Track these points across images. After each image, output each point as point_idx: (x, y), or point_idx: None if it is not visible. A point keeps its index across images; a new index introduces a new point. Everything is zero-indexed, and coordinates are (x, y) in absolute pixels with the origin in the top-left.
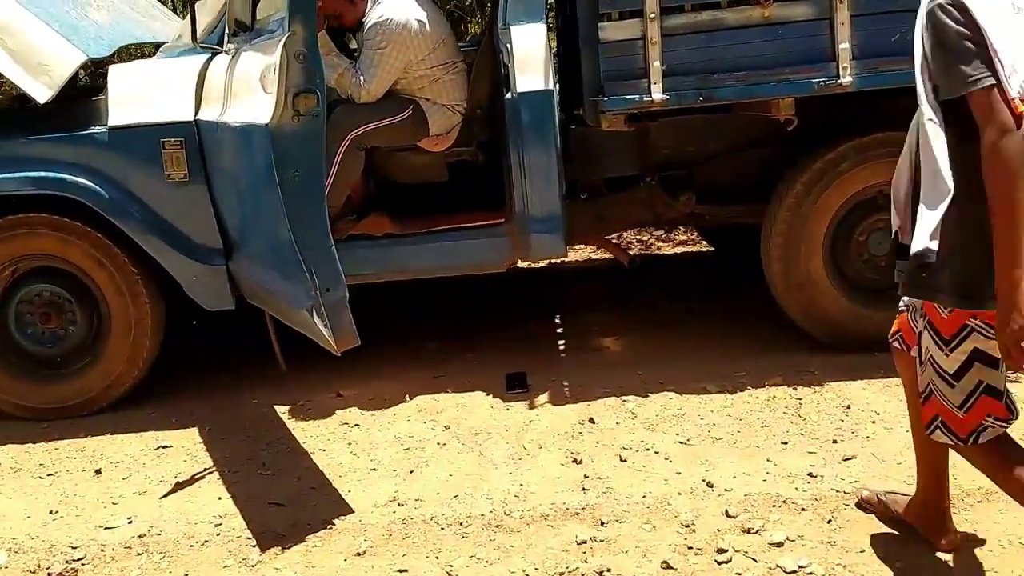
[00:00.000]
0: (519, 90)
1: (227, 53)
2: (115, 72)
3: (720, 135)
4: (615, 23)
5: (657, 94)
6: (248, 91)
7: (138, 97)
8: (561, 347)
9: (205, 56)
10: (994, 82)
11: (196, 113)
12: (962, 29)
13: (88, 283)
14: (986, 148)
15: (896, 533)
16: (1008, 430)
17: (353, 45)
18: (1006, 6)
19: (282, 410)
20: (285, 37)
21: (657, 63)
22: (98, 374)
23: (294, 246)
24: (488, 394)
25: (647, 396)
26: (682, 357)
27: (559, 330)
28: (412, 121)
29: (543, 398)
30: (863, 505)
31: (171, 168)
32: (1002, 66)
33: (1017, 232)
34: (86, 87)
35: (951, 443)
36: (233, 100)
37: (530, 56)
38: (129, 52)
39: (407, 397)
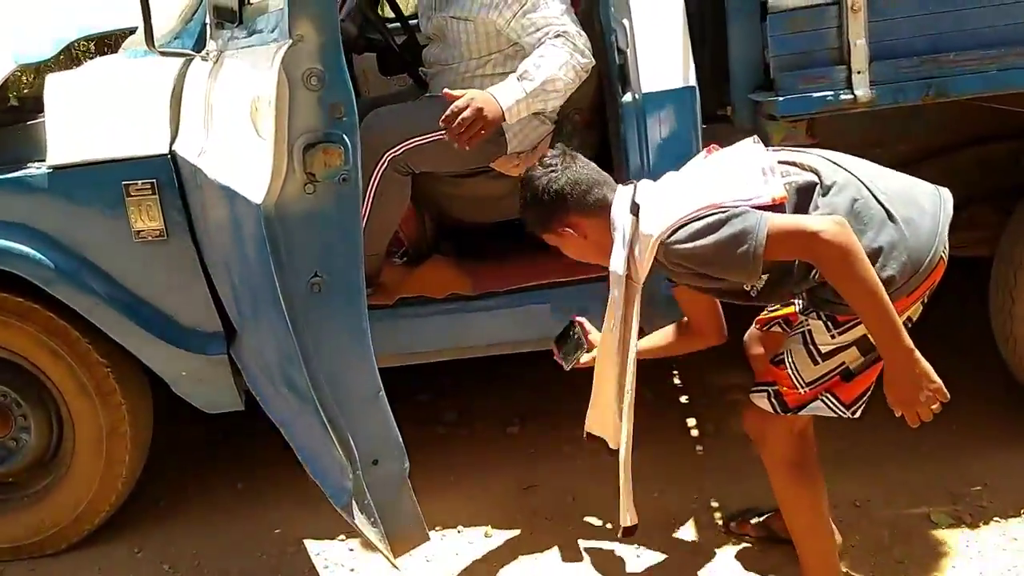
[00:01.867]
0: (644, 89)
1: (207, 58)
2: (55, 85)
3: (921, 127)
4: None
5: (862, 88)
6: (231, 130)
7: (89, 121)
8: (694, 431)
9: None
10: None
11: (172, 142)
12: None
13: (42, 379)
14: (824, 258)
15: None
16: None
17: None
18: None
19: (319, 548)
20: (285, 46)
21: (861, 41)
22: (62, 500)
23: (316, 406)
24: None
25: (842, 521)
26: (886, 459)
27: (683, 399)
28: None
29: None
30: None
31: (140, 222)
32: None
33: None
34: (20, 105)
35: (769, 409)
36: (211, 141)
37: (661, 38)
38: (83, 50)
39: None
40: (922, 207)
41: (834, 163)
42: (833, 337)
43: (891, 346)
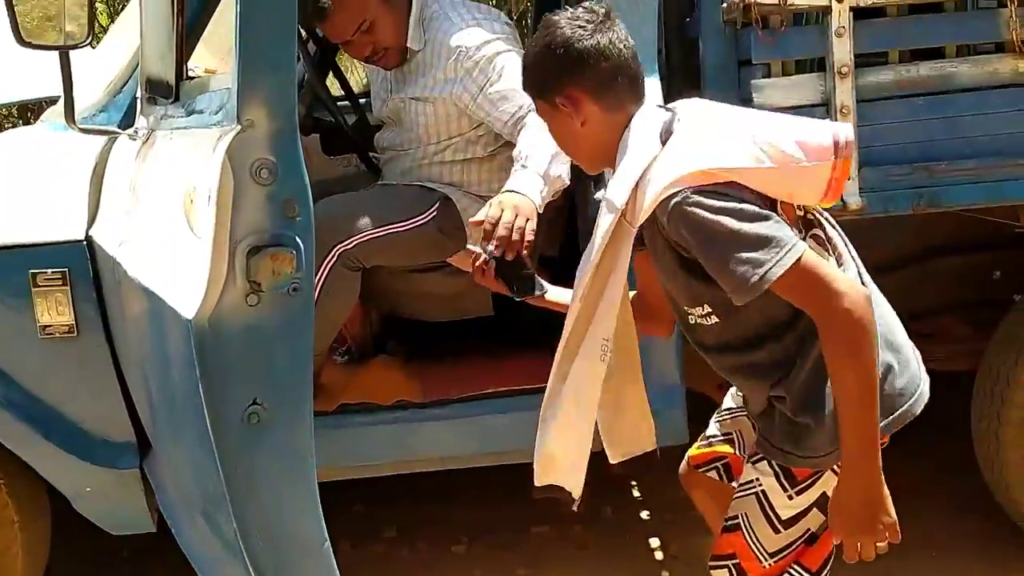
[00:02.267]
0: None
1: (135, 137)
2: None
3: (901, 233)
4: (778, 81)
5: (852, 196)
6: (160, 223)
7: None
8: (658, 553)
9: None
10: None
11: (90, 227)
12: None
13: None
14: (835, 322)
15: None
16: None
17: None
18: None
19: None
20: (231, 132)
21: None
22: None
23: (244, 557)
24: None
25: None
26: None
27: (644, 514)
28: (438, 226)
29: None
30: None
31: (48, 316)
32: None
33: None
34: None
35: None
36: (136, 232)
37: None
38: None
39: None
40: (908, 348)
41: (852, 257)
42: (791, 498)
43: (861, 462)
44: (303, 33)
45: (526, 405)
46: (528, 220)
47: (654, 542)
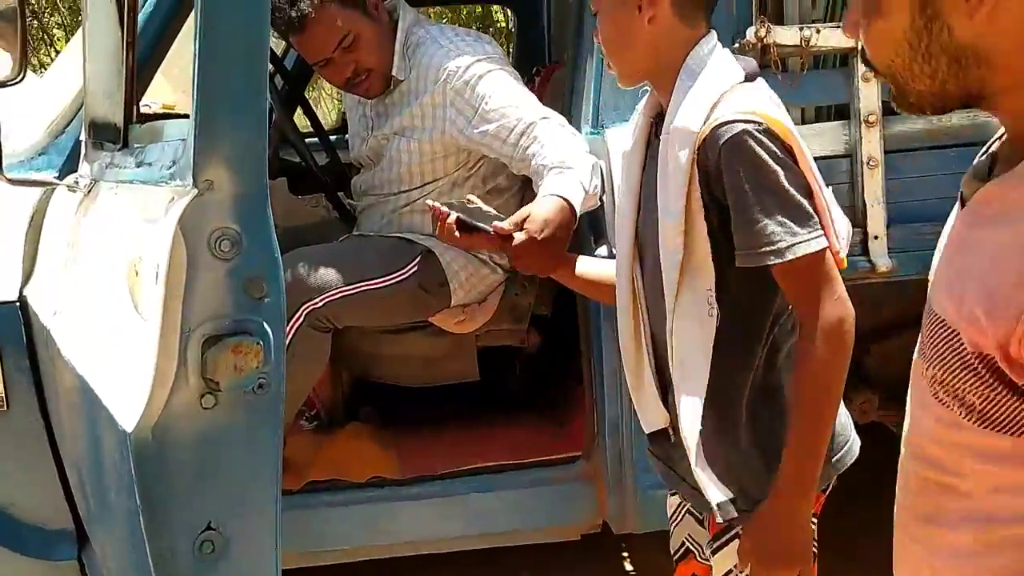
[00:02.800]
0: None
1: (75, 188)
2: None
3: (908, 293)
4: (799, 129)
5: (881, 257)
6: (98, 295)
7: None
8: None
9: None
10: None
11: (24, 286)
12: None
13: None
14: (825, 326)
15: None
16: None
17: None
18: None
19: None
20: (186, 196)
21: (878, 204)
22: None
23: None
24: None
25: None
26: None
27: None
28: (419, 283)
29: None
30: None
31: None
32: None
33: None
34: None
35: None
36: (70, 300)
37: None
38: None
39: None
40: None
41: None
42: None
43: (794, 490)
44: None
45: (516, 482)
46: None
47: None
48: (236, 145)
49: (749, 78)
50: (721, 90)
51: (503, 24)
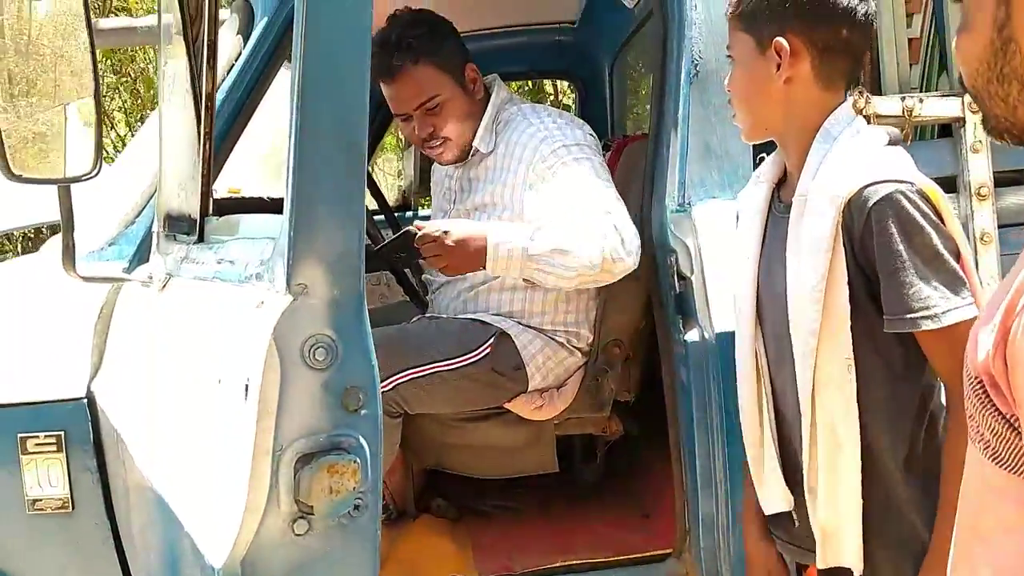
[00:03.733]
0: (717, 327)
1: (148, 283)
2: None
3: None
4: None
5: None
6: (178, 415)
7: None
8: None
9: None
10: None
11: (91, 381)
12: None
13: None
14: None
15: None
16: None
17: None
18: None
19: None
20: (279, 303)
21: (993, 282)
22: None
23: None
24: None
25: None
26: None
27: None
28: (492, 366)
29: None
30: None
31: (38, 487)
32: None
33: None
34: None
35: None
36: (147, 412)
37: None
38: None
39: None
40: None
41: None
42: None
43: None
44: None
45: None
46: (455, 258)
47: None
48: (333, 246)
49: (892, 143)
50: (868, 153)
51: (552, 96)
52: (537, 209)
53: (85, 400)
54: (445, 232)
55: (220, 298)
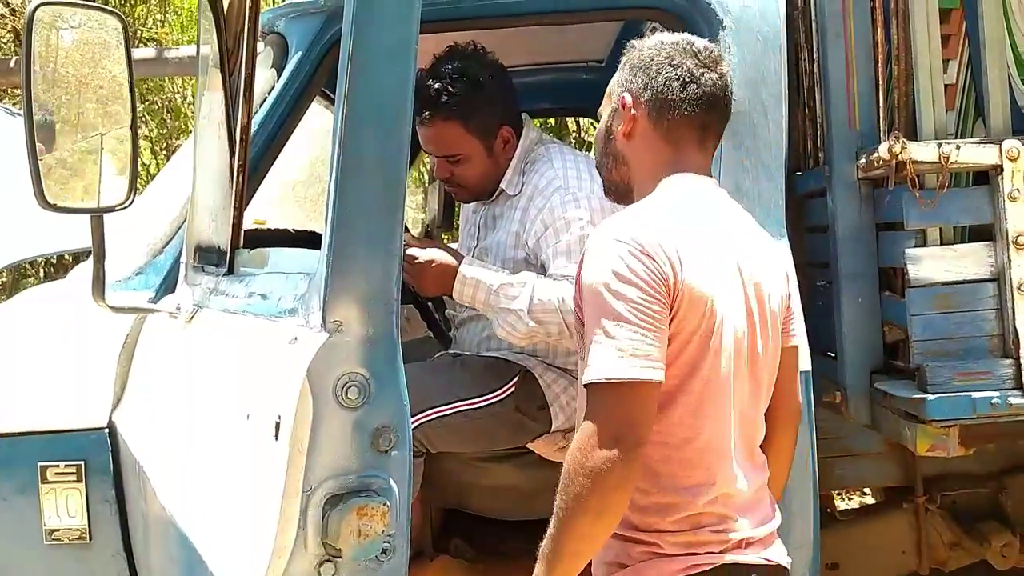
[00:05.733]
0: None
1: (177, 315)
2: None
3: None
4: (938, 251)
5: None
6: (205, 444)
7: (3, 375)
8: None
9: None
10: None
11: (113, 411)
12: None
13: None
14: None
15: None
16: None
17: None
18: None
19: None
20: (315, 342)
21: None
22: None
23: None
24: None
25: None
26: None
27: None
28: (516, 405)
29: None
30: None
31: (56, 517)
32: None
33: None
34: None
35: None
36: (172, 446)
37: None
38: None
39: None
40: None
41: None
42: None
43: None
44: None
45: None
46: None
47: None
48: (370, 284)
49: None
50: None
51: (575, 132)
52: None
53: (106, 430)
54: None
55: (251, 332)
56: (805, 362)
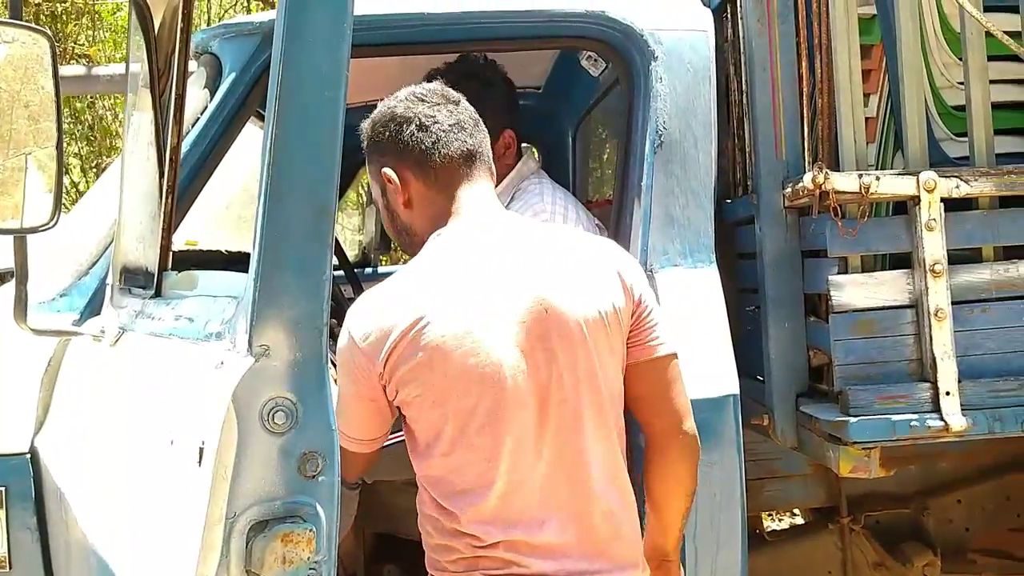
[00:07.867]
0: None
1: (100, 338)
2: None
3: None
4: (858, 278)
5: (954, 415)
6: (126, 468)
7: None
8: None
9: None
10: None
11: (35, 436)
12: None
13: None
14: None
15: None
16: None
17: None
18: None
19: None
20: (240, 366)
21: (949, 357)
22: None
23: None
24: None
25: None
26: None
27: None
28: None
29: None
30: None
31: None
32: None
33: None
34: None
35: None
36: (92, 470)
37: (693, 326)
38: None
39: None
40: None
41: None
42: None
43: None
44: None
45: None
46: None
47: None
48: (298, 308)
49: None
50: None
51: None
52: None
53: (28, 455)
54: None
55: (176, 355)
56: (732, 379)
